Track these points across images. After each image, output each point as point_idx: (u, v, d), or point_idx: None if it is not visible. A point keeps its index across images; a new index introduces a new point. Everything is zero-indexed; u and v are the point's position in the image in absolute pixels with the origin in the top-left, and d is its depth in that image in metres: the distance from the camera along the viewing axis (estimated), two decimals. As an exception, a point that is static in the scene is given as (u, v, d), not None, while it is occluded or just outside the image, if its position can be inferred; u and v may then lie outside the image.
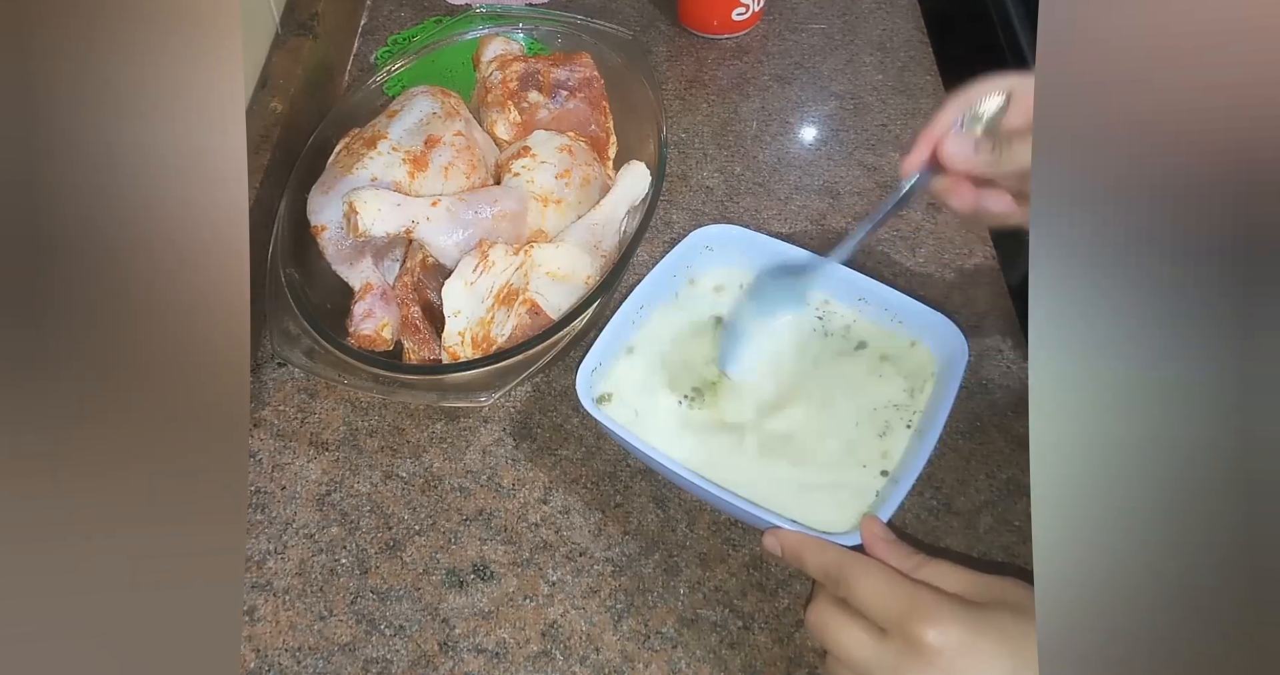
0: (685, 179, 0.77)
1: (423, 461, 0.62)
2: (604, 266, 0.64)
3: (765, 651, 0.54)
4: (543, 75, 0.73)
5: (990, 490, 0.60)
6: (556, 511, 0.59)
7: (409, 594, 0.56)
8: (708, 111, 0.83)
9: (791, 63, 0.87)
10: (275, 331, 0.60)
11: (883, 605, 0.44)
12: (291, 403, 0.64)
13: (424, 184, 0.65)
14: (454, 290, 0.60)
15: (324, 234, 0.63)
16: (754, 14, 0.87)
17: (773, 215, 0.75)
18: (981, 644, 0.42)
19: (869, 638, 0.44)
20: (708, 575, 0.56)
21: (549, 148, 0.68)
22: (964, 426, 0.63)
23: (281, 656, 0.54)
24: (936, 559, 0.46)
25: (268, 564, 0.57)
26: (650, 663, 0.53)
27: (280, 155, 0.68)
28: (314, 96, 0.76)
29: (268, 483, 0.60)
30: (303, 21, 0.77)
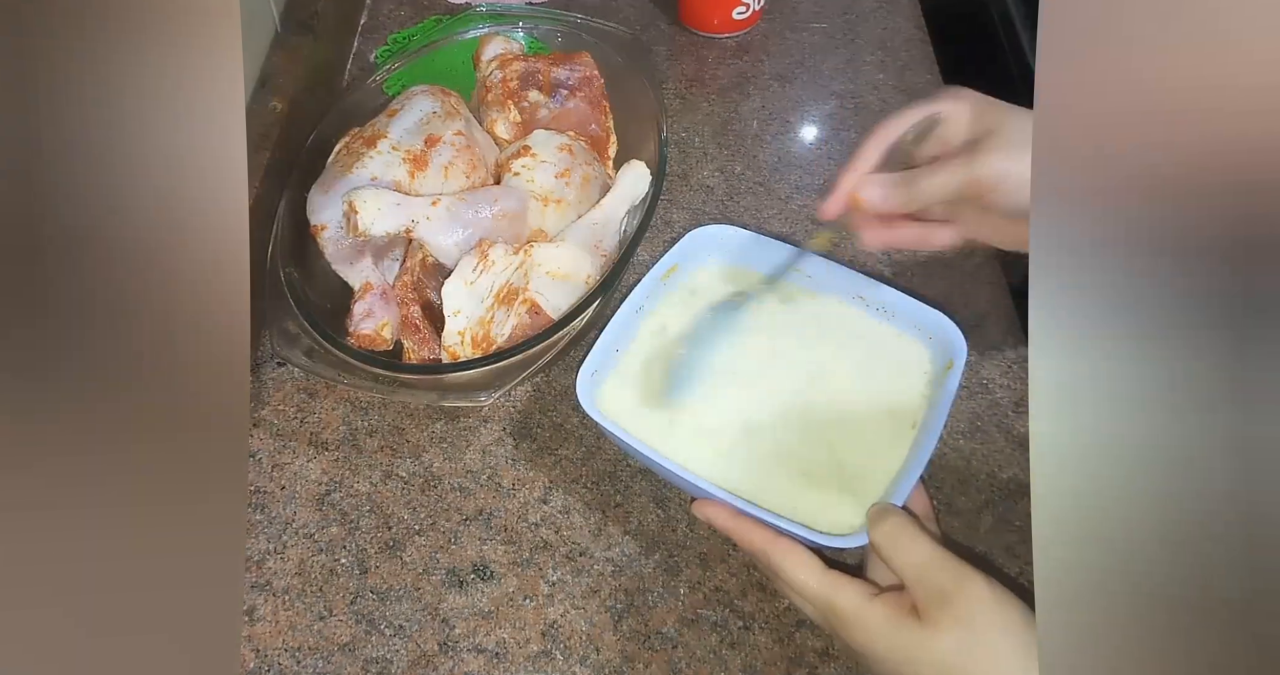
0: (685, 178, 0.77)
1: (423, 461, 0.62)
2: (604, 266, 0.64)
3: (765, 651, 0.54)
4: (543, 74, 0.73)
5: (991, 490, 0.60)
6: (556, 511, 0.59)
7: (409, 594, 0.56)
8: (708, 111, 0.83)
9: (792, 62, 0.87)
10: (275, 331, 0.60)
11: (802, 599, 0.48)
12: (291, 402, 0.64)
13: (424, 183, 0.65)
14: (454, 290, 0.60)
15: (324, 233, 0.63)
16: (754, 13, 0.87)
17: (773, 215, 0.75)
18: (879, 648, 0.45)
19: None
20: (708, 575, 0.56)
21: (549, 147, 0.68)
22: (964, 426, 0.63)
23: (281, 656, 0.54)
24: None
25: (268, 564, 0.57)
26: (650, 663, 0.53)
27: (280, 155, 0.68)
28: (314, 96, 0.75)
29: (267, 482, 0.60)
30: (303, 21, 0.77)
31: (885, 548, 0.47)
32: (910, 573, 0.45)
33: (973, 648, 0.43)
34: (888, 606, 0.45)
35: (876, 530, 0.47)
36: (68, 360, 0.26)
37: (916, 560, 0.45)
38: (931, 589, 0.44)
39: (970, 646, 0.43)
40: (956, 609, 0.43)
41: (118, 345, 0.27)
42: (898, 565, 0.46)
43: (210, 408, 0.29)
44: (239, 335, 0.30)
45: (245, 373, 0.36)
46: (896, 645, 0.44)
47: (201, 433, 0.29)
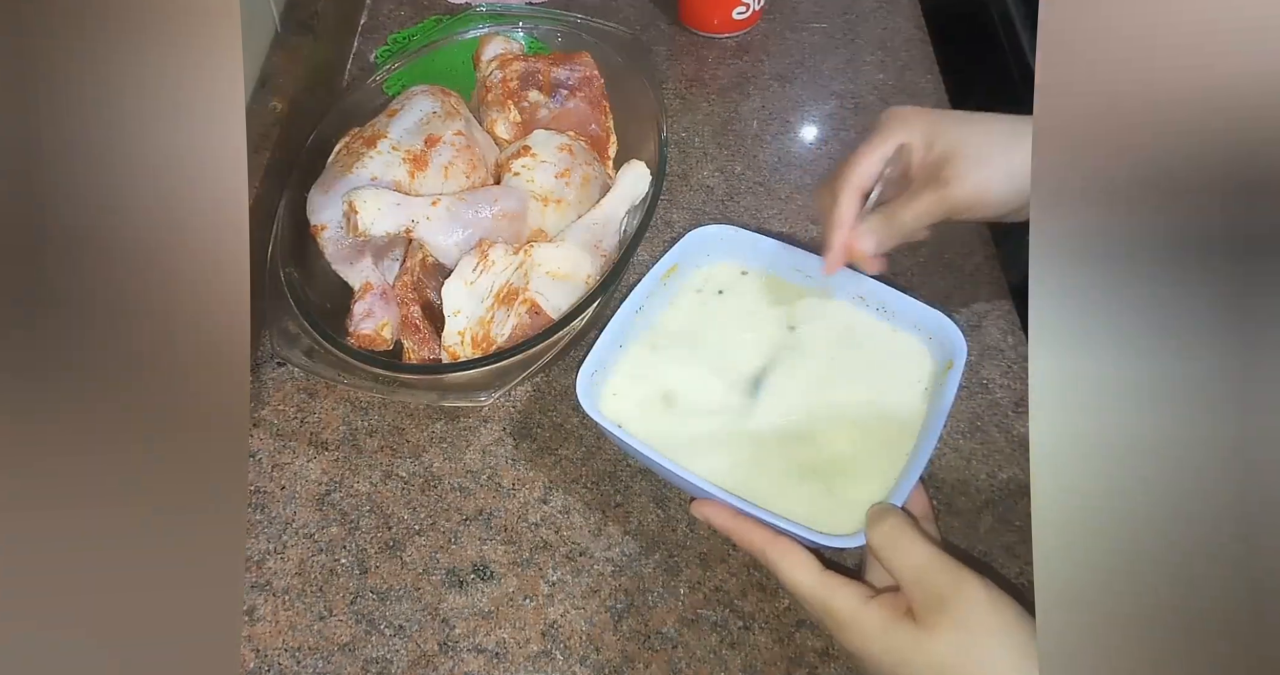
0: (685, 178, 0.77)
1: (423, 461, 0.62)
2: (604, 266, 0.64)
3: (765, 651, 0.54)
4: (543, 74, 0.73)
5: (991, 490, 0.60)
6: (556, 511, 0.59)
7: (409, 594, 0.56)
8: (708, 111, 0.83)
9: (792, 62, 0.87)
10: (275, 331, 0.60)
11: (799, 596, 0.49)
12: (291, 402, 0.64)
13: (424, 183, 0.65)
14: (454, 290, 0.60)
15: (324, 233, 0.63)
16: (754, 13, 0.87)
17: (773, 215, 0.75)
18: (874, 650, 0.45)
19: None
20: (708, 575, 0.56)
21: (549, 147, 0.68)
22: (964, 426, 0.63)
23: (281, 656, 0.54)
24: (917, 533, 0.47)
25: (267, 564, 0.57)
26: (650, 663, 0.53)
27: (280, 155, 0.68)
28: (314, 96, 0.75)
29: (267, 482, 0.60)
30: (303, 21, 0.77)
31: (882, 549, 0.47)
32: (907, 575, 0.45)
33: (969, 650, 0.43)
34: (883, 609, 0.45)
35: (874, 531, 0.47)
36: (67, 361, 0.26)
37: (913, 562, 0.45)
38: (928, 591, 0.44)
39: (966, 649, 0.43)
40: (952, 611, 0.43)
41: (118, 345, 0.27)
42: (895, 567, 0.46)
43: (210, 408, 0.29)
44: (239, 335, 0.30)
45: (245, 373, 0.36)
46: (892, 648, 0.44)
47: (201, 433, 0.29)
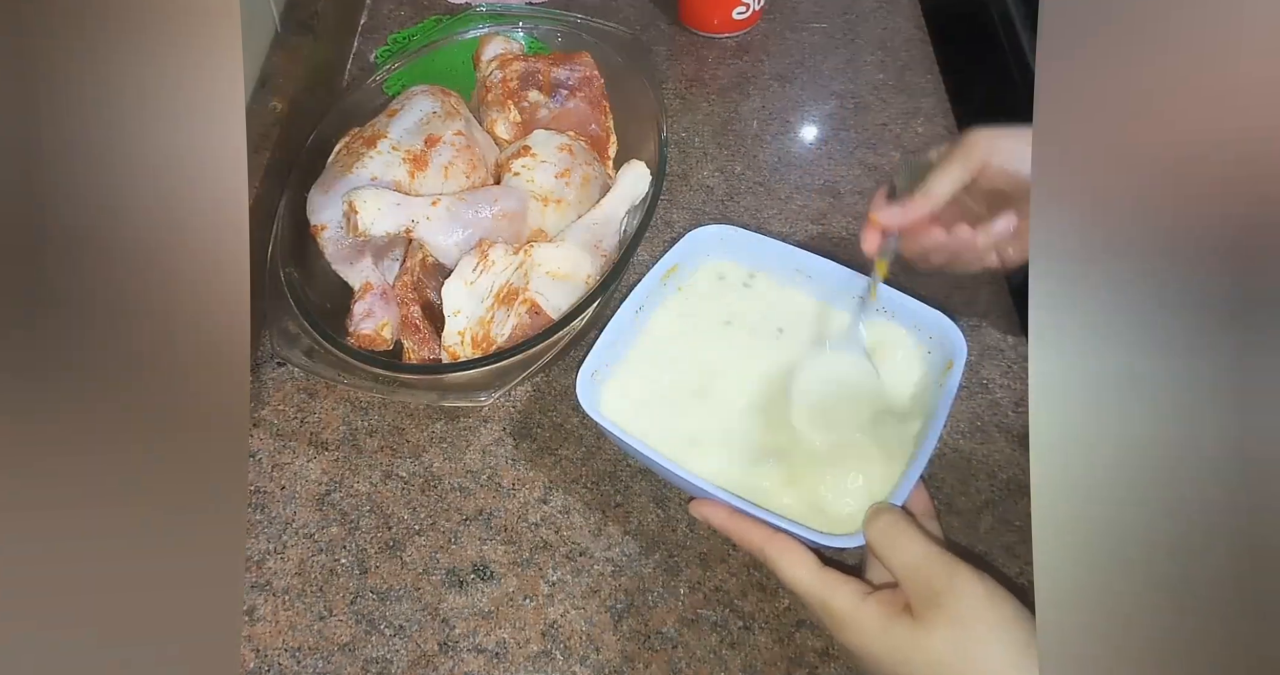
0: (685, 178, 0.77)
1: (423, 461, 0.62)
2: (604, 266, 0.64)
3: (765, 651, 0.54)
4: (543, 74, 0.73)
5: (991, 490, 0.60)
6: (556, 511, 0.59)
7: (409, 594, 0.56)
8: (708, 111, 0.83)
9: (792, 62, 0.87)
10: (275, 331, 0.60)
11: (798, 594, 0.48)
12: (291, 402, 0.64)
13: (424, 183, 0.65)
14: (454, 290, 0.60)
15: (324, 233, 0.63)
16: (754, 13, 0.87)
17: (773, 215, 0.75)
18: (873, 649, 0.45)
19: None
20: (708, 575, 0.56)
21: (549, 147, 0.68)
22: (964, 426, 0.63)
23: (281, 656, 0.54)
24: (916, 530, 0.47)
25: (267, 564, 0.57)
26: (650, 663, 0.53)
27: (280, 155, 0.68)
28: (314, 96, 0.76)
29: (267, 482, 0.60)
30: (303, 21, 0.77)
31: (880, 546, 0.47)
32: (904, 571, 0.45)
33: (966, 645, 0.43)
34: (881, 605, 0.45)
35: (871, 528, 0.48)
36: (67, 360, 0.26)
37: (910, 559, 0.45)
38: (924, 587, 0.44)
39: (963, 644, 0.43)
40: (949, 607, 0.43)
41: (118, 345, 0.27)
42: (891, 563, 0.46)
43: (210, 408, 0.29)
44: (239, 335, 0.30)
45: (245, 373, 0.36)
46: (890, 645, 0.44)
47: (201, 433, 0.29)
